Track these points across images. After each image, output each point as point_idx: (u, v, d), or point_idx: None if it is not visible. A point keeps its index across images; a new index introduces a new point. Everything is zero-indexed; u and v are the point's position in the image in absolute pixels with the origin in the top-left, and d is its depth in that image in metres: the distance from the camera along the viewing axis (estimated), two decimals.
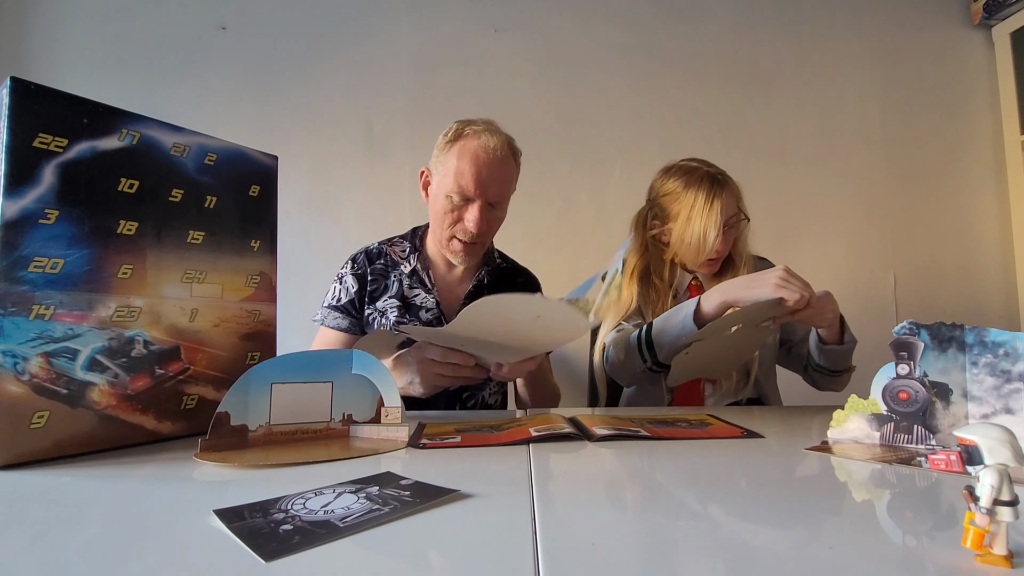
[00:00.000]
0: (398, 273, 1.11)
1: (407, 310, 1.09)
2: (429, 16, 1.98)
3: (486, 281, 1.14)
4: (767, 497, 0.47)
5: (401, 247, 1.15)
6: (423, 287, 1.11)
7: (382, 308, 1.09)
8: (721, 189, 1.08)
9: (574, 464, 0.58)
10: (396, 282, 1.11)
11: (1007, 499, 0.31)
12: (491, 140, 1.01)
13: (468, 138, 1.02)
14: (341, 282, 1.12)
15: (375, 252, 1.14)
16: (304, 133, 1.92)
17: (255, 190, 0.78)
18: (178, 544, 0.36)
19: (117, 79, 1.88)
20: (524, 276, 1.24)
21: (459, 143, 1.02)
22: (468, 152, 1.00)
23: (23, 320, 0.54)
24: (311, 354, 0.87)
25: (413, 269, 1.11)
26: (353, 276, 1.11)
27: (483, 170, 1.00)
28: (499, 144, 1.02)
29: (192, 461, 0.56)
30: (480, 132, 1.02)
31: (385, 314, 1.09)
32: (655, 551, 0.36)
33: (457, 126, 1.04)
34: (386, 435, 0.66)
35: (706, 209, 1.06)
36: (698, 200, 1.07)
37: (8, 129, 0.54)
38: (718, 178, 1.10)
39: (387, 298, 1.10)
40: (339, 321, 1.10)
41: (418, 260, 1.12)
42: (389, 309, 1.09)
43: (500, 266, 1.20)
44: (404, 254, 1.13)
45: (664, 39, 2.01)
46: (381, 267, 1.12)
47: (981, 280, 2.01)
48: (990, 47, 2.03)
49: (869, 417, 0.63)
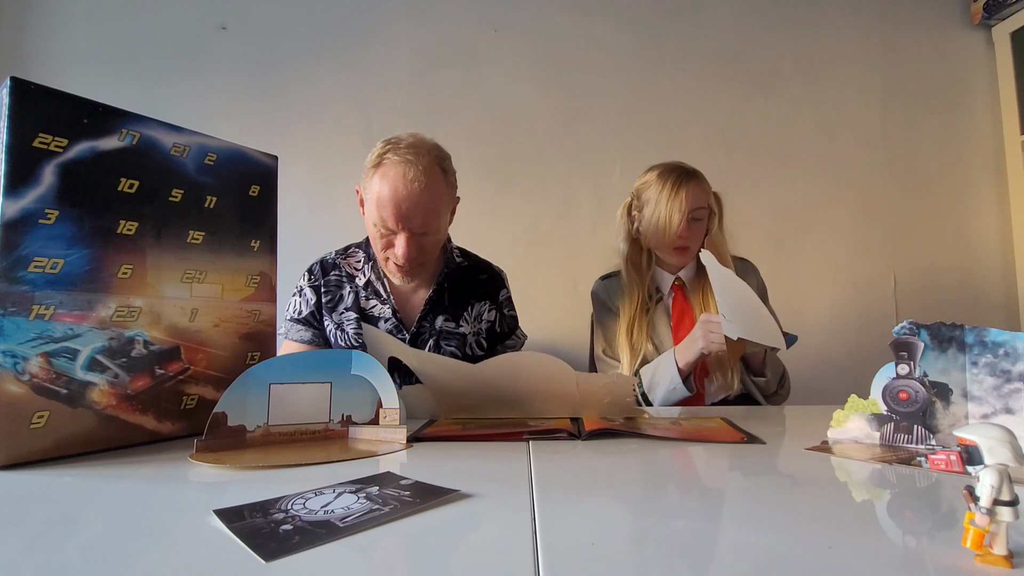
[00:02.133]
0: (353, 285, 1.10)
1: (366, 321, 1.07)
2: (429, 16, 1.98)
3: (446, 285, 1.11)
4: (767, 497, 0.47)
5: (356, 258, 1.13)
6: (378, 298, 1.09)
7: (338, 320, 1.08)
8: (689, 180, 1.16)
9: (574, 464, 0.58)
10: (352, 294, 1.09)
11: (1007, 499, 0.31)
12: (410, 170, 0.95)
13: (387, 166, 0.97)
14: (300, 294, 1.11)
15: (330, 264, 1.12)
16: (304, 133, 1.92)
17: (255, 190, 0.78)
18: (178, 544, 0.36)
19: (117, 79, 1.88)
20: (487, 272, 1.19)
21: (380, 170, 0.98)
22: (388, 182, 0.96)
23: (23, 320, 0.54)
24: (310, 354, 0.87)
25: (368, 280, 1.09)
26: (310, 288, 1.10)
27: (403, 203, 0.95)
28: (418, 173, 0.96)
29: (192, 461, 0.56)
30: (398, 162, 0.97)
31: (342, 326, 1.07)
32: (655, 551, 0.36)
33: (380, 148, 1.00)
34: (385, 436, 0.66)
35: (672, 193, 1.14)
36: (667, 186, 1.15)
37: (8, 129, 0.54)
38: (689, 171, 1.18)
39: (343, 310, 1.08)
40: (302, 334, 1.09)
41: (372, 271, 1.10)
42: (346, 322, 1.07)
43: (461, 265, 1.16)
44: (359, 265, 1.11)
45: (664, 39, 2.01)
46: (336, 279, 1.10)
47: (981, 280, 2.01)
48: (990, 47, 2.03)
49: (869, 417, 0.63)
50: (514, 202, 1.95)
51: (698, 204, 1.14)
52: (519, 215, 1.95)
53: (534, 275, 1.88)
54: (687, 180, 1.15)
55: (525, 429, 0.69)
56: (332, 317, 1.09)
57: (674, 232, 1.13)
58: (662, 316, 1.21)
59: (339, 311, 1.09)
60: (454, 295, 1.12)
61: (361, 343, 1.05)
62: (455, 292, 1.13)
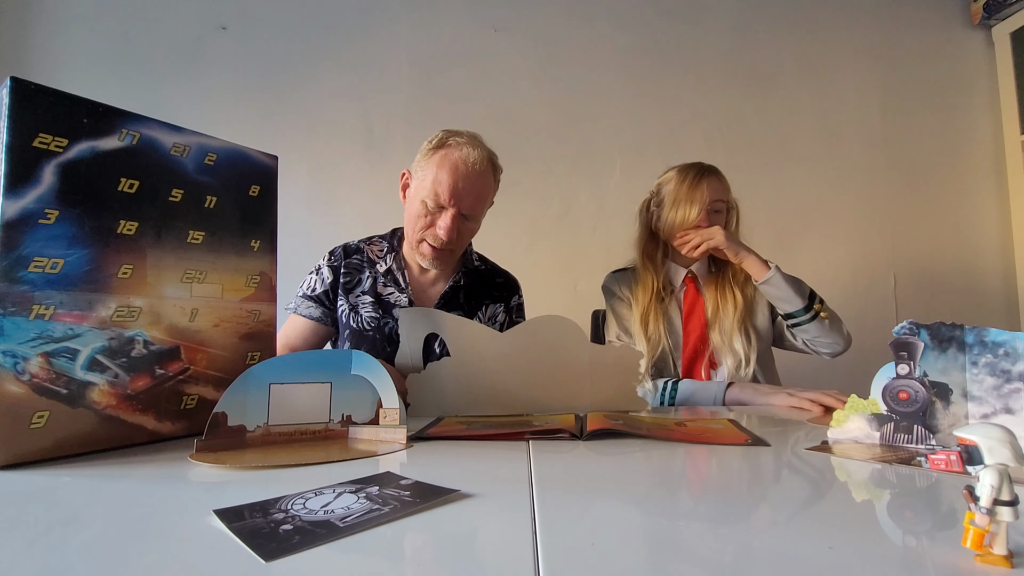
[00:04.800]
0: (373, 271, 1.13)
1: (380, 307, 1.10)
2: (429, 16, 1.98)
3: (463, 283, 1.15)
4: (767, 497, 0.47)
5: (379, 246, 1.17)
6: (396, 286, 1.12)
7: (353, 302, 1.11)
8: (708, 174, 1.20)
9: (574, 464, 0.58)
10: (370, 279, 1.12)
11: (1007, 499, 0.31)
12: (472, 153, 1.03)
13: (451, 148, 1.04)
14: (318, 272, 1.14)
15: (353, 248, 1.16)
16: (304, 133, 1.92)
17: (255, 190, 0.78)
18: (178, 544, 0.36)
19: (117, 79, 1.88)
20: (503, 277, 1.24)
21: (441, 151, 1.04)
22: (448, 162, 1.02)
23: (23, 320, 0.54)
24: (310, 354, 0.87)
25: (388, 268, 1.13)
26: (329, 268, 1.13)
27: (460, 181, 1.02)
28: (479, 158, 1.04)
29: (192, 461, 0.56)
30: (463, 144, 1.04)
31: (356, 309, 1.10)
32: (655, 551, 0.36)
33: (443, 134, 1.06)
34: (385, 436, 0.66)
35: (692, 185, 1.19)
36: (687, 179, 1.20)
37: (8, 129, 0.54)
38: (708, 167, 1.22)
39: (360, 293, 1.11)
40: (311, 310, 1.12)
41: (394, 260, 1.14)
42: (361, 305, 1.10)
43: (478, 268, 1.21)
44: (381, 253, 1.15)
45: (664, 39, 2.02)
46: (357, 262, 1.14)
47: (981, 280, 2.01)
48: (990, 47, 2.03)
49: (869, 417, 0.63)
50: (514, 202, 1.95)
51: (717, 196, 1.18)
52: (519, 215, 1.95)
53: (534, 275, 1.87)
54: (707, 174, 1.20)
55: (527, 429, 0.69)
56: (348, 298, 1.11)
57: (693, 222, 1.17)
58: (674, 309, 1.25)
59: (356, 293, 1.11)
60: (470, 294, 1.16)
61: (373, 327, 1.08)
62: (471, 291, 1.16)
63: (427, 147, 1.07)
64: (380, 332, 1.08)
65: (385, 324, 1.09)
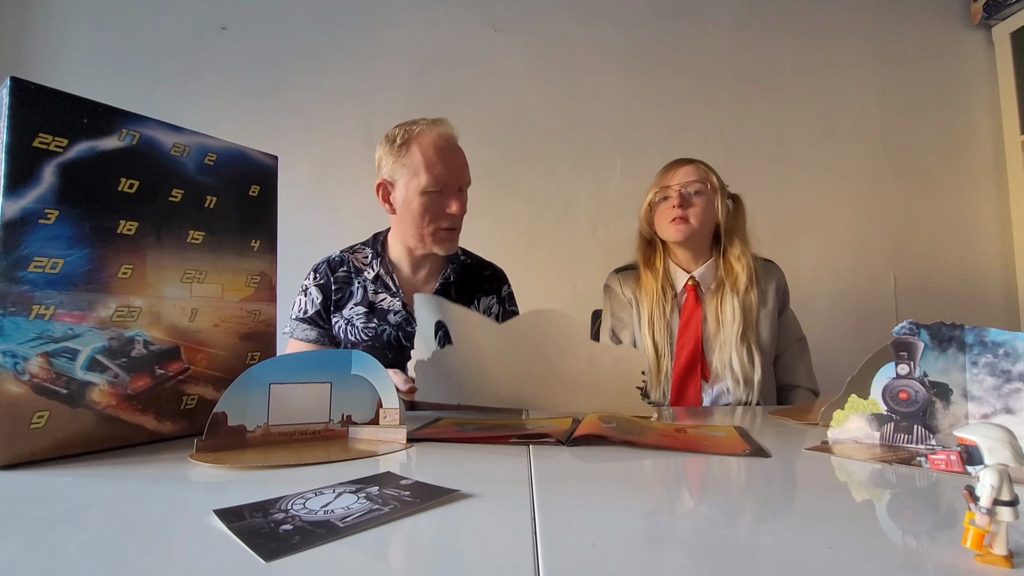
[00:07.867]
0: (362, 280, 1.11)
1: (374, 315, 1.08)
2: (429, 16, 1.98)
3: (452, 279, 1.14)
4: (767, 497, 0.47)
5: (363, 254, 1.14)
6: (388, 291, 1.10)
7: (348, 316, 1.09)
8: (686, 163, 1.21)
9: (574, 464, 0.58)
10: (360, 289, 1.10)
11: (1007, 499, 0.31)
12: (443, 130, 1.04)
13: (421, 135, 1.03)
14: (306, 294, 1.11)
15: (337, 261, 1.13)
16: (304, 133, 1.92)
17: (255, 190, 0.78)
18: (178, 544, 0.36)
19: (117, 79, 1.88)
20: (489, 269, 1.23)
21: (413, 143, 1.03)
22: (431, 146, 1.02)
23: (23, 320, 0.54)
24: (310, 354, 0.87)
25: (377, 274, 1.11)
26: (316, 287, 1.10)
27: (449, 156, 1.04)
28: (451, 132, 1.06)
29: (192, 461, 0.56)
30: (429, 126, 1.04)
31: (351, 322, 1.08)
32: (655, 551, 0.36)
33: (401, 130, 1.05)
34: (385, 436, 0.66)
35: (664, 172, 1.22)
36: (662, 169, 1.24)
37: (8, 129, 0.54)
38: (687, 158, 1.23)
39: (353, 305, 1.09)
40: (308, 333, 1.10)
41: (381, 265, 1.12)
42: (355, 317, 1.08)
43: (464, 262, 1.19)
44: (367, 260, 1.13)
45: (664, 39, 2.01)
46: (344, 275, 1.11)
47: (981, 280, 2.00)
48: (990, 47, 2.03)
49: (869, 417, 0.63)
50: (514, 202, 1.95)
51: (689, 178, 1.18)
52: (519, 215, 1.95)
53: (534, 275, 1.88)
54: (681, 162, 1.22)
55: (515, 433, 0.68)
56: (342, 314, 1.10)
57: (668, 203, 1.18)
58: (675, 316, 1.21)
59: (349, 307, 1.10)
60: (460, 289, 1.15)
61: (371, 337, 1.07)
62: (461, 287, 1.15)
63: (391, 149, 1.05)
64: (379, 340, 1.07)
65: (383, 331, 1.07)
